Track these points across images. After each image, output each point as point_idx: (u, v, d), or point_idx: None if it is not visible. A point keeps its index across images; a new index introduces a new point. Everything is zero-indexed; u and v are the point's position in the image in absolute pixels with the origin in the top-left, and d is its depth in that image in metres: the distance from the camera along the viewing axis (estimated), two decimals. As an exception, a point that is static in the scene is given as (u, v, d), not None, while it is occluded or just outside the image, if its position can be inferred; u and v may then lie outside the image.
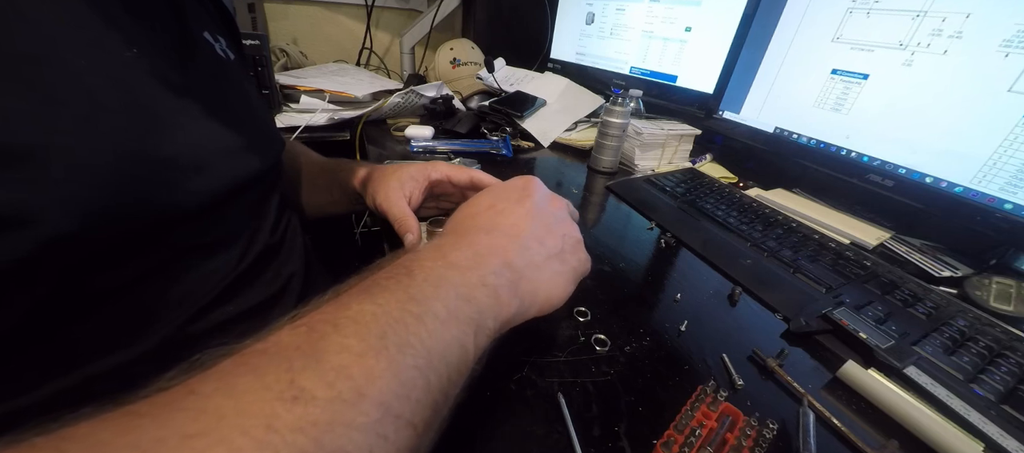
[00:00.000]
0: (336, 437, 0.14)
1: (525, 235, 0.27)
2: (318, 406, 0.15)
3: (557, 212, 0.31)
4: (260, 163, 0.34)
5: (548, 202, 0.31)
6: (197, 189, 0.26)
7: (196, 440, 0.13)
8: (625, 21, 0.90)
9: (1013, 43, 0.45)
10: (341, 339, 0.17)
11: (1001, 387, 0.32)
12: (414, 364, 0.18)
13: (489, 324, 0.22)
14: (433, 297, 0.20)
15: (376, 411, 0.16)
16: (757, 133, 0.71)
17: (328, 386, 0.15)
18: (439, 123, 0.83)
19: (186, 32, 0.31)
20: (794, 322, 0.38)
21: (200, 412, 0.14)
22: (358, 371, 0.16)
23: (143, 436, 0.13)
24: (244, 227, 0.33)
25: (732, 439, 0.26)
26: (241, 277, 0.31)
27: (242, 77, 0.38)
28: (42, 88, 0.19)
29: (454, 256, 0.24)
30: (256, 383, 0.15)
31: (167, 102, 0.25)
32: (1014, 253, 0.50)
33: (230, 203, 0.30)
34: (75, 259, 0.21)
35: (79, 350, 0.23)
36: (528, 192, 0.31)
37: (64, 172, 0.20)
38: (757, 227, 0.55)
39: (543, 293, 0.26)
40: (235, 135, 0.31)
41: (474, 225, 0.28)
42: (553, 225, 0.30)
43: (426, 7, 1.20)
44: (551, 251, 0.28)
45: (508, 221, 0.28)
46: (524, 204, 0.30)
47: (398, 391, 0.17)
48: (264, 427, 0.13)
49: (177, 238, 0.26)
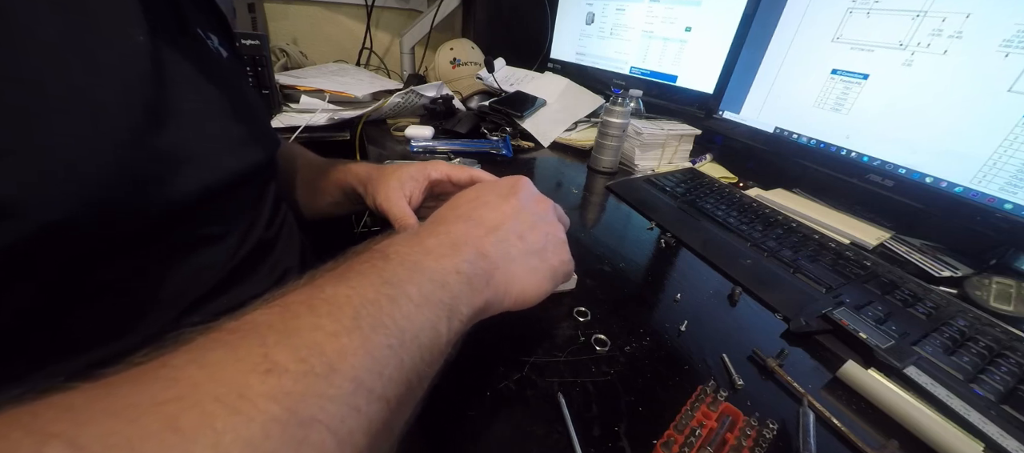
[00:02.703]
0: (308, 406, 0.14)
1: (504, 228, 0.28)
2: (290, 378, 0.15)
3: (543, 212, 0.32)
4: (256, 158, 0.34)
5: (534, 202, 0.32)
6: (192, 183, 0.26)
7: (168, 405, 0.13)
8: (625, 21, 0.90)
9: (1013, 43, 0.45)
10: (314, 319, 0.17)
11: (1001, 387, 0.32)
12: (387, 343, 0.18)
13: (462, 310, 0.23)
14: (407, 281, 0.21)
15: (349, 384, 0.16)
16: (757, 133, 0.71)
17: (301, 361, 0.15)
18: (439, 123, 0.83)
19: (182, 27, 0.31)
20: (794, 322, 0.38)
21: (173, 381, 0.14)
22: (330, 348, 0.16)
23: (116, 402, 0.13)
24: (239, 221, 0.33)
25: (732, 439, 0.26)
26: (235, 271, 0.31)
27: (236, 75, 0.38)
28: (27, 80, 0.19)
29: (430, 243, 0.24)
30: (229, 356, 0.15)
31: (160, 95, 0.25)
32: (1014, 253, 0.50)
33: (225, 197, 0.30)
34: (71, 252, 0.21)
35: (74, 342, 0.24)
36: (515, 190, 0.31)
37: (56, 164, 0.20)
38: (757, 227, 0.55)
39: (517, 287, 0.27)
40: (230, 130, 0.31)
41: (455, 214, 0.29)
42: (537, 223, 0.30)
43: (426, 7, 1.20)
44: (531, 247, 0.28)
45: (489, 213, 0.29)
46: (509, 200, 0.30)
47: (371, 367, 0.17)
48: (236, 395, 0.14)
49: (172, 231, 0.26)
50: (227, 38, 0.39)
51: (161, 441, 0.12)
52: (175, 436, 0.12)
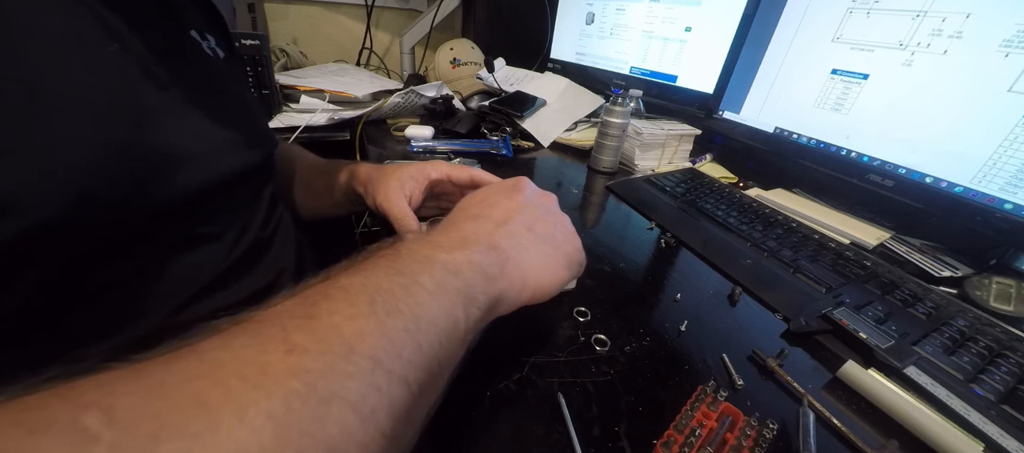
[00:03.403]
0: (329, 383, 0.15)
1: (513, 222, 0.28)
2: (310, 357, 0.15)
3: (548, 204, 0.32)
4: (251, 158, 0.34)
5: (539, 196, 0.32)
6: (185, 182, 0.27)
7: (196, 382, 0.14)
8: (625, 21, 0.90)
9: (1013, 43, 0.45)
10: (331, 304, 0.18)
11: (1001, 387, 0.32)
12: (404, 327, 0.18)
13: (479, 298, 0.23)
14: (420, 271, 0.21)
15: (367, 363, 0.16)
16: (757, 133, 0.71)
17: (320, 340, 0.16)
18: (439, 123, 0.83)
19: (175, 29, 0.31)
20: (794, 322, 0.38)
21: (199, 362, 0.15)
22: (348, 331, 0.17)
23: (148, 379, 0.14)
24: (234, 221, 0.33)
25: (732, 439, 0.26)
26: (230, 270, 0.32)
27: (233, 75, 0.38)
28: (27, 80, 0.20)
29: (440, 239, 0.25)
30: (252, 340, 0.16)
31: (155, 96, 0.26)
32: (1014, 253, 0.50)
33: (220, 197, 0.30)
34: (71, 251, 0.22)
35: (74, 340, 0.24)
36: (519, 187, 0.32)
37: (51, 163, 0.20)
38: (757, 227, 0.55)
39: (533, 277, 0.27)
40: (225, 130, 0.31)
41: (463, 215, 0.29)
42: (543, 215, 0.30)
43: (426, 7, 1.20)
44: (541, 236, 0.29)
45: (496, 211, 0.29)
46: (514, 197, 0.31)
47: (388, 348, 0.17)
48: (259, 372, 0.14)
49: (166, 230, 0.27)
50: (224, 38, 0.39)
51: (190, 414, 0.13)
52: (202, 410, 0.13)
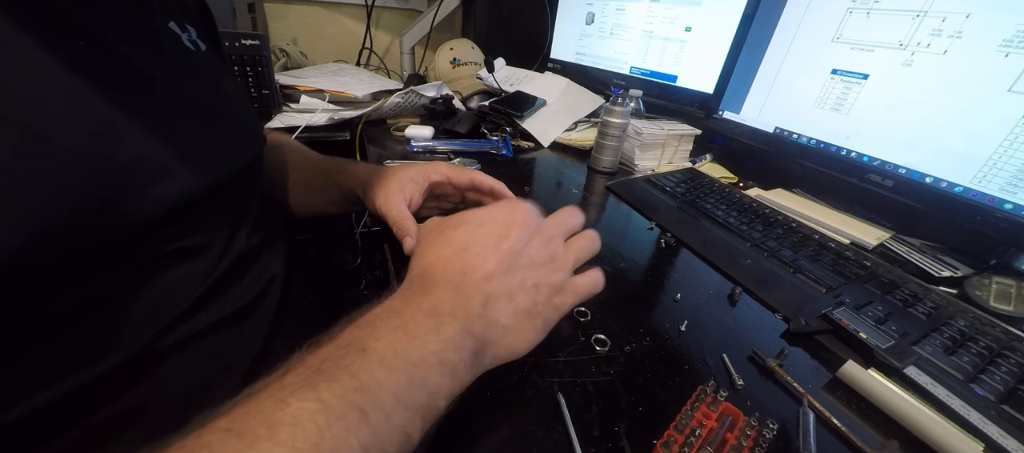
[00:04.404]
0: None
1: (494, 292, 0.26)
2: None
3: (537, 255, 0.28)
4: (236, 162, 0.32)
5: (529, 242, 0.29)
6: (161, 195, 0.25)
7: None
8: (625, 21, 0.90)
9: (1013, 43, 0.45)
10: (271, 447, 0.16)
11: (1001, 387, 0.32)
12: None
13: (440, 404, 0.22)
14: (383, 384, 0.20)
15: None
16: (757, 133, 0.71)
17: None
18: (439, 123, 0.83)
19: (148, 23, 0.28)
20: (794, 322, 0.38)
21: None
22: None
23: None
24: (219, 231, 0.31)
25: (732, 439, 0.26)
26: (217, 284, 0.29)
27: (216, 69, 0.36)
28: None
29: (413, 325, 0.23)
30: None
31: (124, 103, 0.23)
32: (1014, 253, 0.50)
33: (202, 207, 0.28)
34: (30, 282, 0.20)
35: (39, 374, 0.22)
36: (508, 232, 0.28)
37: (5, 190, 0.18)
38: (757, 227, 0.55)
39: (504, 351, 0.26)
40: (206, 134, 0.29)
41: (443, 275, 0.26)
42: (528, 275, 0.27)
43: (426, 7, 1.20)
44: (520, 306, 0.27)
45: (478, 273, 0.26)
46: (500, 248, 0.27)
47: None
48: None
49: (143, 248, 0.25)
50: (207, 30, 0.37)
51: None
52: None
